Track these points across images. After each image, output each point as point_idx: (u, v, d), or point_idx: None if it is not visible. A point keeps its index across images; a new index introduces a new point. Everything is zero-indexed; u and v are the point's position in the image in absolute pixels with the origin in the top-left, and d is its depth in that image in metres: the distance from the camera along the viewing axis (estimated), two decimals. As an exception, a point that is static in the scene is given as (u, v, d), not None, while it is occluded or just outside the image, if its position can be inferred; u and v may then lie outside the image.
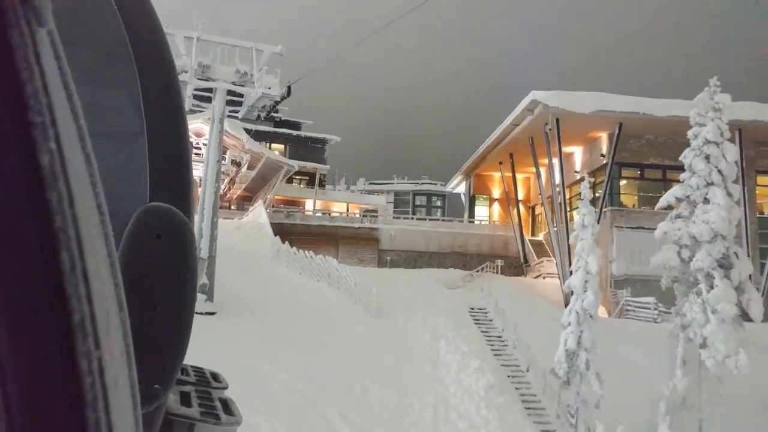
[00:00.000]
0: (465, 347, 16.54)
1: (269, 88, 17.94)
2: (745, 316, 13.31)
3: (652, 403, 14.54)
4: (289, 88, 17.94)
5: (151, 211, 0.60)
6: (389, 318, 19.34)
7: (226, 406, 0.80)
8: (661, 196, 28.07)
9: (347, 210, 48.20)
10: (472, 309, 20.84)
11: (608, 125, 26.29)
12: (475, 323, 19.55)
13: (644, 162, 27.95)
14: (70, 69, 0.34)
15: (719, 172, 13.35)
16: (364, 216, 41.56)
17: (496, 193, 40.17)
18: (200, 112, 28.53)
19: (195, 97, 20.48)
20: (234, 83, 18.26)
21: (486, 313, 20.60)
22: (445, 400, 13.86)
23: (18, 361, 0.28)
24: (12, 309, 0.28)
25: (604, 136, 27.90)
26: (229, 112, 20.92)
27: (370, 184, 64.62)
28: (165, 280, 0.58)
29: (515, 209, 35.09)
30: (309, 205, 44.53)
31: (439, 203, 58.58)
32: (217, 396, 0.84)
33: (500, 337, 18.66)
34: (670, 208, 15.17)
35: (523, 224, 36.05)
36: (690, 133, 14.65)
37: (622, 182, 28.59)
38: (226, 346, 14.05)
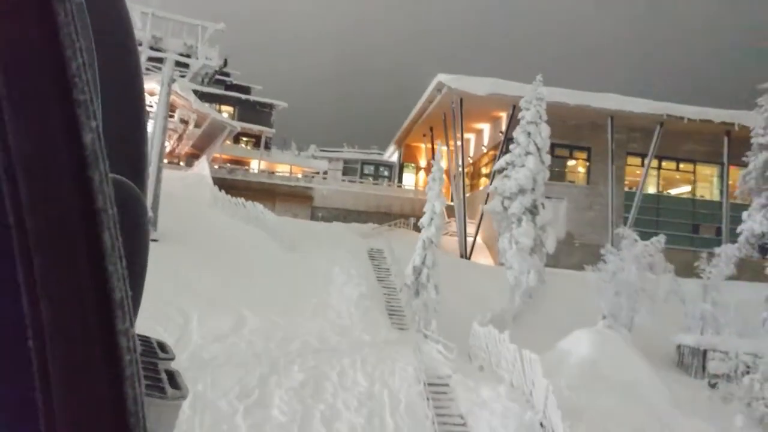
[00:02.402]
0: (353, 271, 21.79)
1: (209, 59, 22.35)
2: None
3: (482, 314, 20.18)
4: (225, 60, 22.42)
5: None
6: (301, 252, 24.41)
7: (173, 378, 0.79)
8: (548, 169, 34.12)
9: (290, 172, 52.68)
10: (371, 249, 26.10)
11: (505, 107, 31.68)
12: (370, 259, 24.83)
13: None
14: None
15: (535, 144, 18.73)
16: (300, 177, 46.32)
17: (423, 162, 45.50)
18: (155, 72, 32.47)
19: (149, 60, 24.64)
20: (181, 54, 22.60)
21: (382, 253, 25.87)
22: (326, 301, 19.11)
23: (63, 339, 0.29)
24: (59, 287, 0.30)
25: (504, 116, 33.34)
26: (180, 74, 25.19)
27: (321, 150, 68.99)
28: None
29: (444, 179, 40.48)
30: (254, 165, 48.93)
31: (386, 173, 63.52)
32: (163, 368, 0.83)
33: (388, 269, 23.96)
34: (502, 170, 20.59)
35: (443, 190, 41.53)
36: (520, 115, 19.99)
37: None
38: (165, 264, 18.78)
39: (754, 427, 14.88)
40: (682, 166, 34.43)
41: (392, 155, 49.53)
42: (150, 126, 25.85)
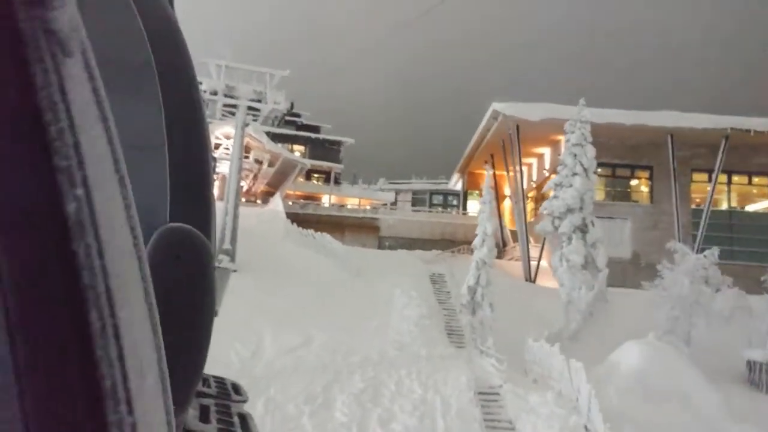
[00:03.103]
0: (414, 293, 23.14)
1: (278, 104, 24.91)
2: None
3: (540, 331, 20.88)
4: (291, 103, 24.87)
5: (171, 231, 0.61)
6: (365, 277, 26.08)
7: (245, 422, 0.81)
8: (609, 190, 34.51)
9: (359, 204, 55.09)
10: (433, 274, 27.39)
11: (560, 131, 32.32)
12: (432, 283, 26.12)
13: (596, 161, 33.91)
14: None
15: (581, 165, 19.60)
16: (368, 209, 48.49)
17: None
18: (230, 118, 35.87)
19: (224, 106, 27.61)
20: (252, 100, 25.31)
21: (443, 277, 27.10)
22: (387, 322, 20.55)
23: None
24: (42, 378, 0.27)
25: (562, 140, 33.99)
26: (253, 117, 27.96)
27: (390, 183, 71.59)
28: (182, 302, 0.59)
29: (495, 202, 41.42)
30: (325, 199, 51.72)
31: (455, 202, 64.94)
32: (236, 411, 0.85)
33: (449, 292, 25.14)
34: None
35: (508, 215, 42.27)
36: (564, 138, 20.91)
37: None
38: (242, 290, 20.95)
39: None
40: (756, 180, 33.57)
41: (456, 183, 50.78)
42: (227, 167, 28.70)
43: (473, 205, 48.79)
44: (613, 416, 13.42)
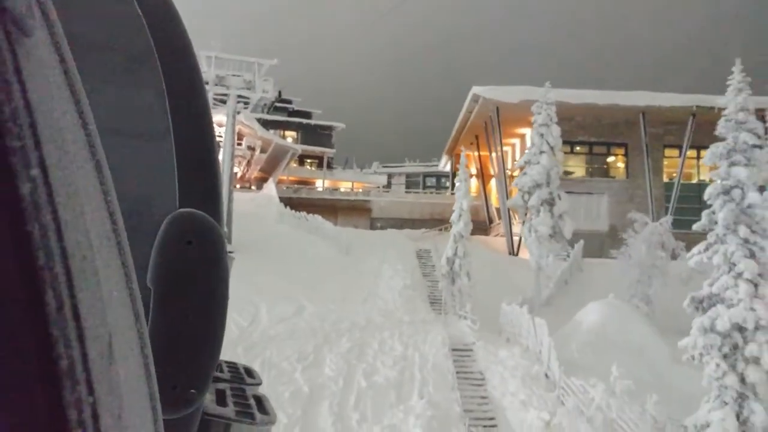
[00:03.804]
0: (400, 267, 24.91)
1: (266, 92, 26.40)
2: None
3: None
4: (279, 91, 26.38)
5: (181, 217, 0.61)
6: (355, 254, 27.79)
7: (261, 404, 0.83)
8: (587, 167, 36.20)
9: (352, 188, 56.63)
10: (420, 250, 29.11)
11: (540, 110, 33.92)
12: (417, 258, 27.85)
13: (574, 139, 35.52)
14: (94, 72, 0.36)
15: (548, 143, 21.22)
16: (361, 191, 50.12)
17: (474, 169, 48.06)
18: (221, 106, 37.35)
19: (215, 96, 29.14)
20: (241, 89, 26.80)
21: (429, 252, 28.82)
22: (375, 293, 22.29)
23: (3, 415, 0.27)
24: None
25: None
26: (244, 105, 29.51)
27: (383, 166, 73.06)
28: (197, 286, 0.59)
29: (480, 181, 43.08)
30: (319, 183, 53.25)
31: (448, 184, 66.55)
32: (251, 393, 0.87)
33: (433, 266, 26.86)
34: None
35: (494, 194, 43.99)
36: (533, 119, 22.53)
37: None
38: (239, 269, 22.57)
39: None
40: None
41: (446, 165, 52.35)
42: (220, 154, 30.27)
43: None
44: (570, 365, 15.25)
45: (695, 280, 22.39)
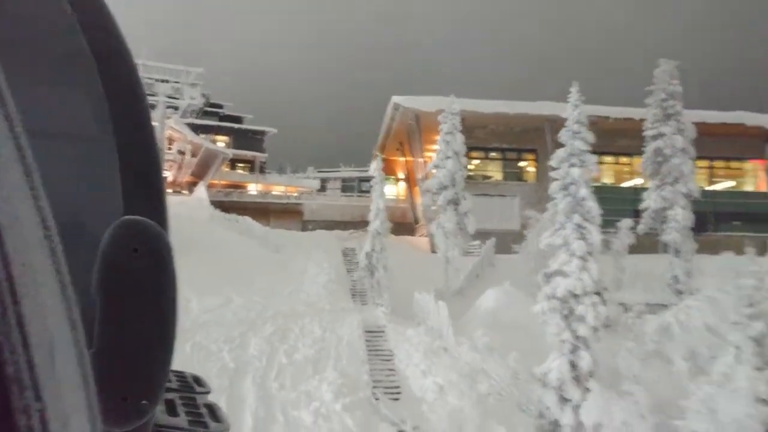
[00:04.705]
0: (325, 264, 27.10)
1: (193, 99, 28.05)
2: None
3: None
4: (207, 98, 28.10)
5: (125, 224, 0.60)
6: (284, 253, 29.76)
7: (213, 412, 0.81)
8: (502, 171, 39.57)
9: (285, 191, 58.28)
10: (345, 248, 31.39)
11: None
12: (343, 256, 30.14)
13: (488, 146, 38.92)
14: (21, 72, 0.36)
15: (453, 150, 24.05)
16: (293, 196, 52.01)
17: (402, 174, 50.95)
18: (151, 110, 38.28)
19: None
20: (169, 96, 28.34)
21: (354, 251, 31.12)
22: (300, 287, 24.39)
23: None
24: None
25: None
26: (173, 110, 30.91)
27: (318, 171, 74.95)
28: (144, 295, 0.58)
29: (406, 185, 45.97)
30: (251, 187, 54.62)
31: (381, 188, 68.86)
32: (201, 402, 0.85)
33: (357, 263, 29.16)
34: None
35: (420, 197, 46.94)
36: (439, 127, 25.36)
37: (474, 161, 39.57)
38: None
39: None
40: (623, 159, 39.57)
41: (380, 170, 55.03)
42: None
43: (391, 189, 53.39)
44: (466, 341, 17.92)
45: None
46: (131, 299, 0.58)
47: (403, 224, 46.33)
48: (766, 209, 38.37)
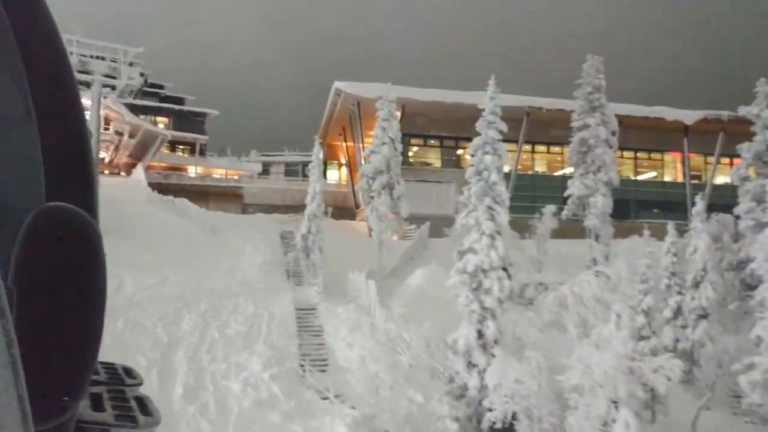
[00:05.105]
0: (262, 245, 27.77)
1: (132, 79, 28.00)
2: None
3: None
4: (145, 78, 28.09)
5: (48, 212, 0.57)
6: (222, 235, 30.21)
7: (143, 405, 0.78)
8: (441, 158, 40.90)
9: (226, 175, 58.10)
10: (284, 232, 32.09)
11: (398, 107, 38.12)
12: (281, 238, 30.83)
13: (427, 133, 40.26)
14: None
15: (389, 136, 25.13)
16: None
17: (344, 159, 51.77)
18: (85, 90, 37.67)
19: (79, 81, 30.04)
20: (106, 75, 28.17)
21: (293, 233, 31.86)
22: (236, 266, 25.03)
23: None
24: None
25: (399, 115, 39.86)
26: (111, 88, 30.62)
27: (262, 155, 74.65)
28: (67, 286, 0.55)
29: (348, 170, 46.89)
30: (192, 170, 54.23)
31: (326, 173, 69.51)
32: (132, 395, 0.82)
33: (295, 245, 29.96)
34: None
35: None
36: (376, 114, 26.40)
37: (413, 148, 40.86)
38: (106, 247, 24.30)
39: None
40: (554, 148, 41.69)
41: (319, 154, 55.60)
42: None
43: (333, 174, 54.13)
44: (392, 316, 19.12)
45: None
46: (52, 291, 0.55)
47: (345, 209, 47.36)
48: (682, 198, 41.36)
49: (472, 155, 16.56)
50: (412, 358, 15.11)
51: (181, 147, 56.75)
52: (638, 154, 44.15)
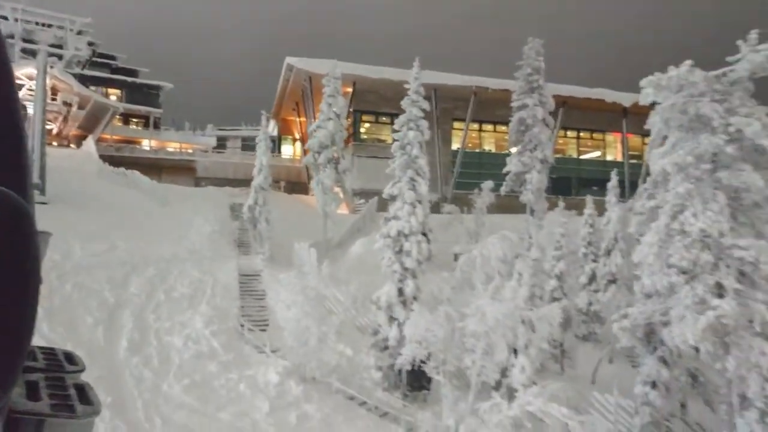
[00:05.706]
0: (211, 216, 28.91)
1: (79, 49, 28.41)
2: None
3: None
4: (93, 49, 28.55)
5: None
6: (172, 207, 31.18)
7: (83, 393, 0.74)
8: (390, 136, 42.23)
9: (180, 149, 58.37)
10: (233, 204, 33.22)
11: (348, 84, 39.33)
12: (231, 210, 31.99)
13: (378, 110, 41.64)
14: None
15: (334, 112, 26.45)
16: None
17: (298, 135, 52.75)
18: (32, 59, 37.59)
19: (24, 51, 30.19)
20: (53, 45, 28.50)
21: (242, 206, 33.01)
22: (185, 236, 26.17)
23: None
24: None
25: (350, 91, 41.08)
26: (58, 58, 30.80)
27: (219, 129, 74.75)
28: (1, 273, 0.52)
29: (302, 145, 47.95)
30: (145, 143, 54.36)
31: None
32: (72, 382, 0.79)
33: (243, 216, 31.18)
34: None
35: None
36: (322, 90, 27.65)
37: (365, 124, 42.22)
38: (51, 216, 25.06)
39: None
40: (500, 128, 43.64)
41: (273, 129, 56.36)
42: (30, 108, 31.48)
43: (287, 149, 55.09)
44: (337, 281, 20.67)
45: (455, 226, 29.47)
46: None
47: (299, 183, 48.56)
48: (620, 176, 43.97)
49: (398, 131, 18.07)
50: (342, 314, 16.75)
51: (134, 120, 56.70)
52: (581, 134, 46.54)
